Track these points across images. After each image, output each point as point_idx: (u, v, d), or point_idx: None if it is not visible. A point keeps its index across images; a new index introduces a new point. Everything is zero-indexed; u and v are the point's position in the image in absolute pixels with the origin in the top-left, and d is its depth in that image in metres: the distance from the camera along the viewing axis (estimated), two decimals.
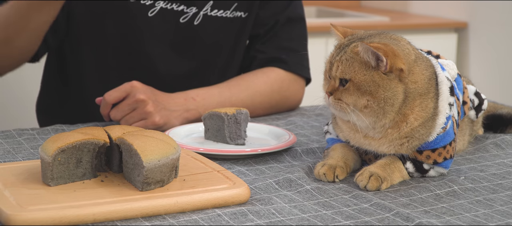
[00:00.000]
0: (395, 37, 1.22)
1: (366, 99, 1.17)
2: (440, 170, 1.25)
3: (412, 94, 1.18)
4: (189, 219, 1.02)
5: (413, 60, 1.19)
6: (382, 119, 1.18)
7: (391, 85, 1.16)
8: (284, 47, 1.73)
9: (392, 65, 1.16)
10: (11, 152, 1.33)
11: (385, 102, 1.17)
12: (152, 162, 1.07)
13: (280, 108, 1.73)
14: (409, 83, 1.18)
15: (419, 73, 1.19)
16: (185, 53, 1.69)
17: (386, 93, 1.16)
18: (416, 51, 1.22)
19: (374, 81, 1.16)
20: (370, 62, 1.16)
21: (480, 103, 1.41)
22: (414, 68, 1.18)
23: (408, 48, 1.20)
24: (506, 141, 1.46)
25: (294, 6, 1.76)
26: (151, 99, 1.49)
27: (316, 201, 1.12)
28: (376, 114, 1.18)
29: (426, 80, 1.19)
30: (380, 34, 1.23)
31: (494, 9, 3.32)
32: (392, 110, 1.18)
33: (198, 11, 1.66)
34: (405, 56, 1.18)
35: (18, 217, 0.96)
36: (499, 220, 1.06)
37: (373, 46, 1.15)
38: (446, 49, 3.44)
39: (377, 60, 1.16)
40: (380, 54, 1.15)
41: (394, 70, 1.16)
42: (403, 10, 3.83)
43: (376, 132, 1.20)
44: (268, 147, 1.34)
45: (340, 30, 1.26)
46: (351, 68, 1.18)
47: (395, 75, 1.17)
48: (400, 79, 1.17)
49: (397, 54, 1.16)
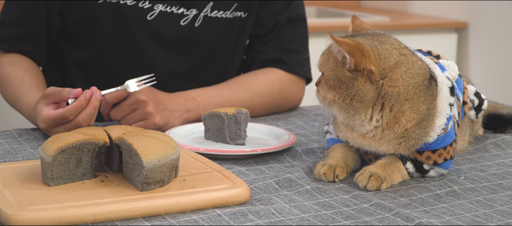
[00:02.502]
0: (384, 40, 1.20)
1: (332, 95, 1.19)
2: (440, 171, 1.25)
3: (394, 98, 1.17)
4: (189, 219, 1.02)
5: (392, 65, 1.17)
6: (355, 115, 1.18)
7: (356, 84, 1.16)
8: (285, 47, 1.73)
9: (357, 64, 1.15)
10: (11, 152, 1.33)
11: (351, 99, 1.17)
12: (152, 162, 1.07)
13: (280, 109, 1.73)
14: (386, 86, 1.16)
15: (400, 78, 1.17)
16: (185, 54, 1.69)
17: (350, 91, 1.16)
18: (405, 58, 1.19)
19: (338, 77, 1.17)
20: (338, 57, 1.17)
21: (480, 104, 1.41)
22: (392, 73, 1.17)
23: (390, 52, 1.18)
24: (506, 141, 1.46)
25: (294, 6, 1.75)
26: (151, 99, 1.49)
27: (316, 201, 1.12)
28: (345, 109, 1.18)
29: (412, 87, 1.17)
30: (377, 34, 1.22)
31: (494, 9, 3.32)
32: (363, 107, 1.17)
33: (198, 13, 1.66)
34: (381, 59, 1.16)
35: (18, 217, 0.96)
36: (499, 220, 1.06)
37: (341, 42, 1.15)
38: (446, 49, 3.44)
39: (343, 56, 1.16)
40: (344, 51, 1.15)
41: (361, 69, 1.15)
42: (403, 10, 3.83)
43: (364, 129, 1.20)
44: (268, 147, 1.34)
45: (356, 23, 1.27)
46: (325, 62, 1.20)
47: (363, 74, 1.16)
48: (371, 81, 1.16)
49: (367, 55, 1.15)
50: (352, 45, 1.15)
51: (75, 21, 1.63)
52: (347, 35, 1.23)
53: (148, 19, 1.62)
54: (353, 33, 1.25)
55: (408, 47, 1.24)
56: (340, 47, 1.15)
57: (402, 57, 1.19)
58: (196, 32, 1.66)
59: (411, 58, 1.20)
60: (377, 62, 1.16)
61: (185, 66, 1.69)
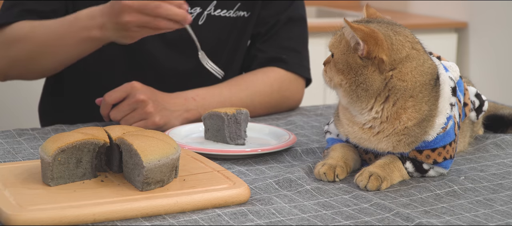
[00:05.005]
0: (399, 31, 1.19)
1: (340, 78, 1.18)
2: (440, 170, 1.25)
3: (400, 92, 1.17)
4: (189, 219, 1.02)
5: (403, 57, 1.16)
6: (357, 102, 1.18)
7: (365, 72, 1.16)
8: (285, 46, 1.73)
9: (370, 52, 1.14)
10: (11, 152, 1.33)
11: (357, 86, 1.17)
12: (152, 162, 1.07)
13: (280, 108, 1.73)
14: (395, 79, 1.16)
15: (409, 73, 1.17)
16: (188, 52, 1.68)
17: (358, 78, 1.16)
18: (417, 53, 1.19)
19: (347, 62, 1.17)
20: (350, 43, 1.17)
21: (480, 105, 1.41)
22: (402, 66, 1.16)
23: (402, 44, 1.17)
24: (506, 141, 1.46)
25: (295, 6, 1.76)
26: (151, 99, 1.49)
27: (316, 201, 1.12)
28: (349, 95, 1.18)
29: (419, 85, 1.17)
30: (392, 24, 1.21)
31: (494, 9, 3.32)
32: (366, 96, 1.17)
33: (202, 11, 1.66)
34: (393, 49, 1.16)
35: (18, 217, 0.96)
36: (499, 220, 1.06)
37: (355, 28, 1.14)
38: (446, 49, 3.44)
39: (356, 42, 1.16)
40: (358, 37, 1.14)
41: (372, 57, 1.15)
42: (403, 10, 3.83)
43: (363, 118, 1.20)
44: (268, 147, 1.34)
45: (370, 11, 1.27)
46: (337, 44, 1.19)
47: (374, 63, 1.15)
48: (380, 70, 1.16)
49: (380, 44, 1.14)
50: (367, 32, 1.14)
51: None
52: (362, 21, 1.21)
53: None
54: (368, 19, 1.24)
55: (421, 43, 1.23)
56: (354, 33, 1.14)
57: (414, 52, 1.18)
58: (200, 31, 1.66)
59: (423, 56, 1.20)
60: (389, 52, 1.15)
61: (187, 64, 1.69)
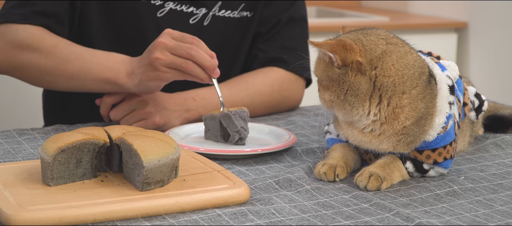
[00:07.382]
0: (369, 32, 1.22)
1: (328, 94, 1.21)
2: (440, 170, 1.25)
3: (390, 89, 1.18)
4: (189, 219, 1.02)
5: (379, 54, 1.18)
6: (352, 110, 1.19)
7: (346, 78, 1.18)
8: (285, 46, 1.73)
9: (344, 60, 1.17)
10: (11, 152, 1.33)
11: (344, 95, 1.19)
12: (152, 162, 1.07)
13: (280, 108, 1.73)
14: (380, 77, 1.18)
15: (392, 67, 1.18)
16: None
17: (342, 86, 1.18)
18: (394, 47, 1.20)
19: (329, 77, 1.20)
20: (325, 60, 1.20)
21: (480, 105, 1.41)
22: (382, 62, 1.18)
23: (375, 43, 1.19)
24: (506, 141, 1.46)
25: (297, 7, 1.76)
26: (151, 99, 1.49)
27: (316, 201, 1.12)
28: (342, 106, 1.20)
29: (408, 78, 1.18)
30: (362, 29, 1.24)
31: (494, 9, 3.32)
32: (358, 101, 1.18)
33: (207, 12, 1.67)
34: (366, 50, 1.18)
35: (18, 217, 0.96)
36: (499, 220, 1.06)
37: (321, 44, 1.18)
38: (446, 49, 3.44)
39: (329, 57, 1.19)
40: (326, 51, 1.17)
41: (349, 64, 1.17)
42: (403, 10, 3.83)
43: (362, 123, 1.20)
44: (268, 147, 1.34)
45: (346, 30, 1.29)
46: (317, 66, 1.24)
47: (353, 68, 1.17)
48: (361, 72, 1.18)
49: (350, 48, 1.17)
50: (333, 43, 1.17)
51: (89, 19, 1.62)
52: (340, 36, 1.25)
53: (158, 16, 1.63)
54: (338, 34, 1.28)
55: (402, 39, 1.24)
56: (322, 49, 1.18)
57: (391, 46, 1.20)
58: (205, 31, 1.67)
59: (402, 48, 1.21)
60: (363, 53, 1.18)
61: None
